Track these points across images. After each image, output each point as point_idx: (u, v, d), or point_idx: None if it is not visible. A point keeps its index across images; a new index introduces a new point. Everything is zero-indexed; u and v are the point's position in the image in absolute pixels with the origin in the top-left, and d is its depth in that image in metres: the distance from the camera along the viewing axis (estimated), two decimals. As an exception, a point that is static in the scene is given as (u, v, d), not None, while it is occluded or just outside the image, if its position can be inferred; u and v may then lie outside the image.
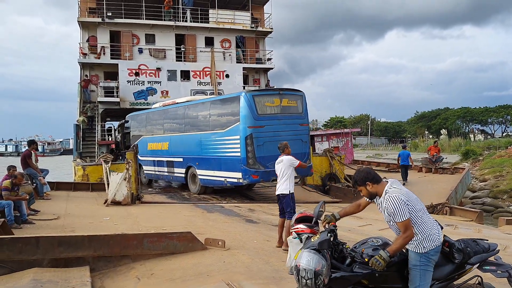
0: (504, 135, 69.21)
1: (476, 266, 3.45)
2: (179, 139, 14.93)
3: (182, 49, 23.99)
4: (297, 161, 6.70)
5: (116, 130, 21.17)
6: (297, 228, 3.64)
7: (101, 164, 14.06)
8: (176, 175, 15.16)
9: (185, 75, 23.62)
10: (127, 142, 18.56)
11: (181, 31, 24.06)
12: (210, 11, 24.45)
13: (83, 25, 23.00)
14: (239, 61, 24.89)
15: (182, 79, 23.45)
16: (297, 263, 3.10)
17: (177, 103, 15.75)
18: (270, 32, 25.92)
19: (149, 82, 22.76)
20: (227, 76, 24.05)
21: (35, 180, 11.13)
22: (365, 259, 3.23)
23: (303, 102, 13.04)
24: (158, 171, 16.35)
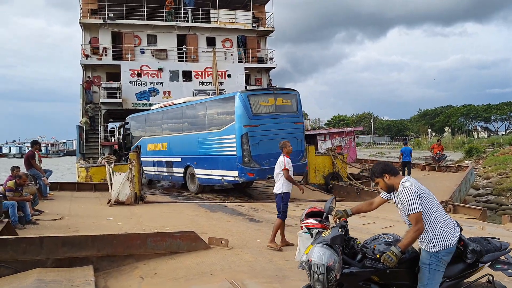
0: (507, 132, 68.98)
1: (487, 264, 3.40)
2: (178, 139, 15.20)
3: (183, 49, 24.01)
4: (283, 165, 6.49)
5: (117, 132, 21.30)
6: (307, 223, 3.60)
7: (104, 165, 14.10)
8: (175, 175, 15.41)
9: (187, 75, 23.64)
10: (127, 143, 18.67)
11: (183, 32, 24.08)
12: (211, 11, 24.46)
13: (85, 26, 23.06)
14: (240, 60, 24.86)
15: (184, 79, 23.48)
16: (309, 258, 3.08)
17: (175, 104, 16.06)
18: (272, 31, 25.89)
19: (151, 82, 22.79)
20: (229, 76, 24.05)
21: (39, 181, 11.17)
22: (376, 255, 3.21)
23: (297, 101, 13.28)
24: (158, 171, 16.57)
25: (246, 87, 23.74)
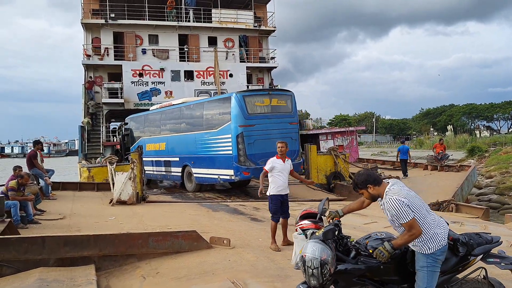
0: (510, 131, 68.79)
1: (479, 257, 3.42)
2: (176, 139, 15.50)
3: (185, 49, 24.02)
4: (266, 167, 6.51)
5: (117, 132, 21.40)
6: (302, 224, 3.66)
7: (106, 166, 14.13)
8: (173, 174, 15.72)
9: (189, 75, 23.66)
10: (127, 144, 18.79)
11: (184, 31, 24.10)
12: (213, 10, 24.47)
13: (86, 26, 23.11)
14: (242, 60, 24.89)
15: (185, 79, 23.51)
16: (303, 253, 3.12)
17: (173, 104, 16.42)
18: (273, 31, 25.91)
19: (153, 82, 22.83)
20: (230, 75, 24.06)
21: (41, 180, 11.20)
22: (369, 250, 3.25)
23: (292, 102, 13.56)
24: (157, 171, 16.84)
25: (247, 86, 23.75)
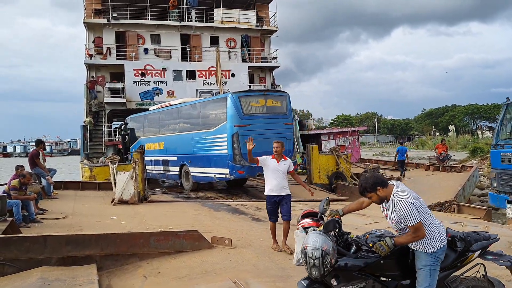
0: (512, 132, 68.41)
1: (477, 253, 3.49)
2: (174, 139, 15.79)
3: (187, 49, 24.03)
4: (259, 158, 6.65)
5: (117, 132, 21.48)
6: (303, 223, 3.71)
7: (108, 165, 14.16)
8: (171, 173, 16.04)
9: (191, 75, 23.68)
10: (127, 143, 18.88)
11: (186, 31, 24.11)
12: (215, 10, 24.49)
13: (88, 26, 23.14)
14: (244, 60, 24.90)
15: (187, 79, 23.53)
16: (304, 245, 3.19)
17: (172, 105, 16.69)
18: (275, 30, 25.89)
19: (155, 82, 22.87)
20: (232, 75, 24.07)
21: (43, 180, 11.23)
22: (369, 244, 3.30)
23: (287, 103, 13.85)
24: (155, 170, 17.07)
25: (249, 86, 23.77)
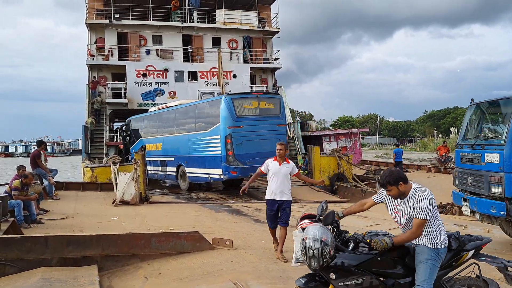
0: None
1: (471, 253, 3.61)
2: (171, 140, 16.08)
3: (189, 49, 24.06)
4: (261, 167, 6.21)
5: (118, 133, 21.54)
6: (302, 223, 3.75)
7: (109, 166, 14.15)
8: (168, 173, 16.33)
9: (193, 75, 23.69)
10: (127, 144, 18.96)
11: (188, 32, 24.15)
12: (217, 11, 24.50)
13: (91, 27, 23.19)
14: (246, 61, 24.90)
15: (189, 79, 23.54)
16: (304, 237, 3.25)
17: (169, 106, 16.97)
18: (277, 31, 25.89)
19: (156, 83, 22.88)
20: (234, 76, 24.07)
21: (44, 180, 11.23)
22: (367, 240, 3.36)
23: (280, 105, 14.05)
24: (154, 171, 17.27)
25: (251, 87, 23.79)
